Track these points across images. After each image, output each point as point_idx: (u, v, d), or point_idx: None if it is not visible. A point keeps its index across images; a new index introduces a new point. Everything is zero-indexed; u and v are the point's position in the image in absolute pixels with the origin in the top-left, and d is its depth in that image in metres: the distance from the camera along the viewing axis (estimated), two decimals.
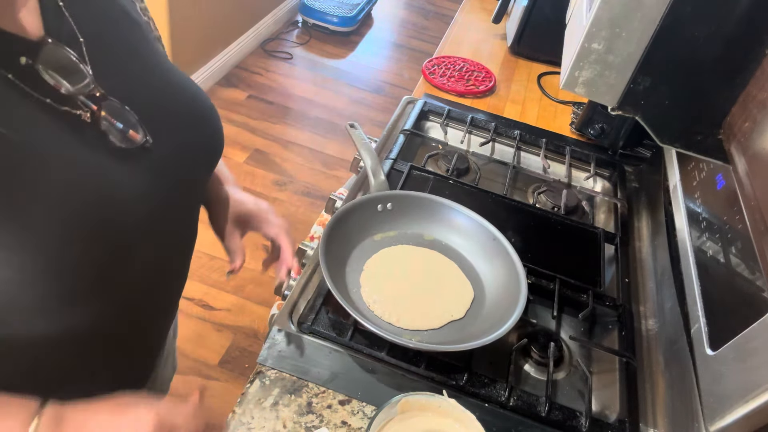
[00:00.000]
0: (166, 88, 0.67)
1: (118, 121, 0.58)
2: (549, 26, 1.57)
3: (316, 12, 3.66)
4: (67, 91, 0.55)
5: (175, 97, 0.68)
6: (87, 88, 0.56)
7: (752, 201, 0.56)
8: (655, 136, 0.68)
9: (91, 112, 0.57)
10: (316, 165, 2.78)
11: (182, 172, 0.67)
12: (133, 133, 0.59)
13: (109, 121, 0.58)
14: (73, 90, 0.55)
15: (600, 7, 0.63)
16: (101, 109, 0.57)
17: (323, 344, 0.85)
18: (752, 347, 0.62)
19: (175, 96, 0.68)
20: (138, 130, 0.60)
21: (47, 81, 0.54)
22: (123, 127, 0.59)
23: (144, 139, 0.60)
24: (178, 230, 0.73)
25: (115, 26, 0.64)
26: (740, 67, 0.61)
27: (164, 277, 0.73)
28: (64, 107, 0.55)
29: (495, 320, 0.87)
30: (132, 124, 0.59)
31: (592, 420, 0.81)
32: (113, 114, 0.58)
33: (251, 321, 2.05)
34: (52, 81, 0.54)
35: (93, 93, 0.57)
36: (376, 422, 0.69)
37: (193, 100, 0.70)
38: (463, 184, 1.18)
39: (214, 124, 0.72)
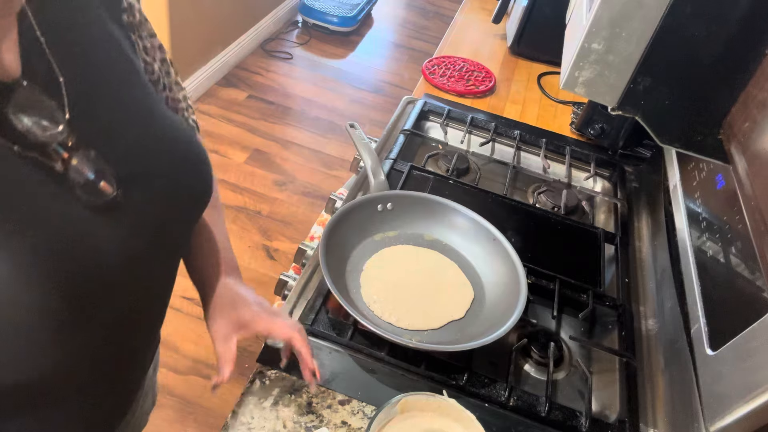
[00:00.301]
0: (150, 137, 0.63)
1: (90, 172, 0.54)
2: (549, 26, 1.57)
3: (316, 12, 3.66)
4: (36, 138, 0.51)
5: (159, 147, 0.63)
6: (60, 136, 0.52)
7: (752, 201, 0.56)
8: (655, 136, 0.68)
9: (62, 160, 0.53)
10: (316, 165, 2.78)
11: (158, 225, 0.62)
12: (105, 184, 0.55)
13: (80, 172, 0.54)
14: (44, 138, 0.51)
15: (600, 7, 0.63)
16: (72, 158, 0.53)
17: (323, 344, 0.85)
18: (752, 347, 0.62)
19: (159, 145, 0.63)
20: (110, 182, 0.56)
21: (16, 126, 0.50)
22: (94, 177, 0.55)
23: (115, 192, 0.56)
24: (152, 282, 0.68)
25: (104, 67, 0.60)
26: (740, 67, 0.61)
27: (137, 326, 0.70)
28: (32, 154, 0.51)
29: (495, 320, 0.87)
30: (104, 175, 0.55)
31: (592, 420, 0.81)
32: (85, 164, 0.54)
33: None
34: (21, 127, 0.50)
35: (65, 142, 0.53)
36: (376, 422, 0.69)
37: (181, 148, 0.66)
38: (463, 184, 1.18)
39: (201, 173, 0.68)
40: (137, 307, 0.67)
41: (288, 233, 2.41)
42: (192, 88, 2.88)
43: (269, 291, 1.03)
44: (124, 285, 0.59)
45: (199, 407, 1.79)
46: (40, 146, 0.52)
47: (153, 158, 0.62)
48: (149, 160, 0.62)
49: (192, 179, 0.67)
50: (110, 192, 0.56)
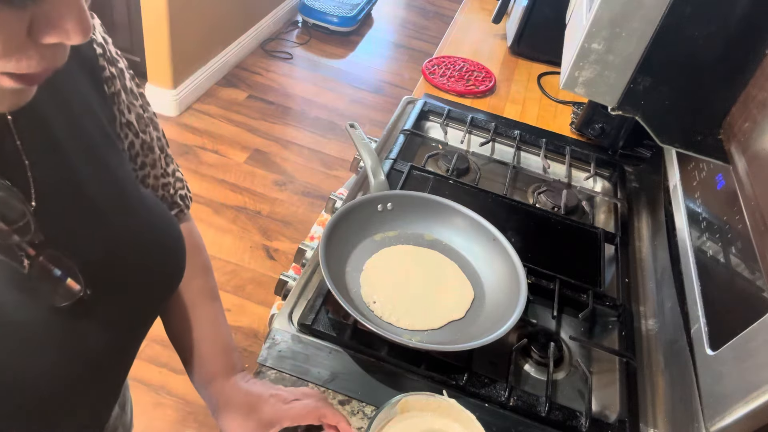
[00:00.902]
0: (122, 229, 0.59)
1: (56, 269, 0.51)
2: (549, 26, 1.57)
3: (316, 12, 3.66)
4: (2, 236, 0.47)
5: (131, 239, 0.60)
6: (26, 234, 0.49)
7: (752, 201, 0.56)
8: (655, 136, 0.68)
9: (28, 257, 0.49)
10: (316, 165, 2.78)
11: (128, 318, 0.60)
12: (72, 282, 0.52)
13: (47, 270, 0.50)
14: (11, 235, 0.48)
15: (600, 7, 0.63)
16: (39, 256, 0.50)
17: (323, 344, 0.85)
18: (752, 347, 0.62)
19: (131, 237, 0.60)
20: (78, 280, 0.52)
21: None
22: (61, 275, 0.51)
23: (83, 290, 0.52)
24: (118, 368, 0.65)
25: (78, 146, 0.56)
26: (740, 67, 0.61)
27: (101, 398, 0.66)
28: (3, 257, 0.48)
29: (495, 320, 0.87)
30: (72, 273, 0.52)
31: (592, 420, 0.81)
32: (51, 261, 0.51)
33: (251, 321, 2.05)
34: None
35: (33, 239, 0.49)
36: (376, 422, 0.69)
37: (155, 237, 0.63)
38: (463, 184, 1.18)
39: (175, 260, 0.65)
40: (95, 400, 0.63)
41: (288, 233, 2.41)
42: (192, 88, 2.89)
43: (269, 291, 1.03)
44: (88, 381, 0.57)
45: (199, 407, 1.79)
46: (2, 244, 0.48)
47: (124, 251, 0.59)
48: (120, 253, 0.58)
49: (164, 267, 0.64)
50: (78, 290, 0.52)
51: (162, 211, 0.65)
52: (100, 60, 0.60)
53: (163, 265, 0.63)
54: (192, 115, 2.87)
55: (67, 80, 0.55)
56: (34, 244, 0.49)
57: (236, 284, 2.15)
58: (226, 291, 2.13)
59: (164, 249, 0.63)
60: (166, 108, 2.80)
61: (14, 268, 0.49)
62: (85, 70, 0.58)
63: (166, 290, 0.66)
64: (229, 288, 2.14)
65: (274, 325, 0.87)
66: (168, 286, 0.66)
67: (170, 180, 0.74)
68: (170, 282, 0.66)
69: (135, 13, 2.60)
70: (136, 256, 0.60)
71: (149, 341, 1.84)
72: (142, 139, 0.66)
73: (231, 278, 2.17)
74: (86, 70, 0.58)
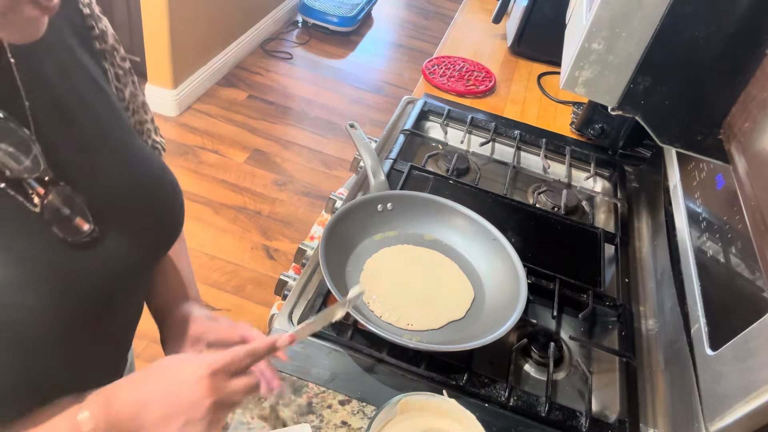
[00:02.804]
0: (125, 171, 0.62)
1: (66, 207, 0.53)
2: (549, 26, 1.57)
3: (316, 12, 3.66)
4: (13, 173, 0.50)
5: (133, 180, 0.62)
6: (36, 170, 0.51)
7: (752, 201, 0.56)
8: (655, 136, 0.68)
9: (38, 196, 0.51)
10: (316, 165, 2.78)
11: (132, 259, 0.61)
12: (81, 220, 0.54)
13: (56, 208, 0.52)
14: (21, 172, 0.50)
15: (600, 7, 0.63)
16: (49, 194, 0.52)
17: (323, 344, 0.85)
18: (752, 347, 0.62)
19: (133, 178, 0.62)
20: (86, 218, 0.54)
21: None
22: (70, 213, 0.53)
23: (91, 228, 0.55)
24: (124, 314, 0.68)
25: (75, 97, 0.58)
26: (740, 67, 0.61)
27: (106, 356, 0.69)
28: (10, 191, 0.50)
29: (495, 320, 0.87)
30: (80, 211, 0.54)
31: (592, 420, 0.81)
32: (61, 200, 0.53)
33: (251, 321, 2.04)
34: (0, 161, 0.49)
35: (42, 177, 0.51)
36: (376, 422, 0.69)
37: (154, 181, 0.65)
38: (463, 184, 1.18)
39: (175, 204, 0.67)
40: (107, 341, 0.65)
41: (288, 233, 2.41)
42: (192, 88, 2.88)
43: (269, 291, 1.03)
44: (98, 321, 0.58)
45: None
46: (14, 181, 0.50)
47: (128, 192, 0.61)
48: (124, 194, 0.60)
49: (165, 211, 0.66)
50: (86, 228, 0.54)
51: (157, 160, 0.67)
52: (88, 20, 0.63)
53: (162, 211, 0.65)
54: (192, 115, 2.87)
55: (56, 36, 0.57)
56: (44, 182, 0.52)
57: (236, 284, 2.15)
58: (226, 291, 2.13)
59: (163, 193, 0.65)
60: (166, 108, 2.80)
61: (27, 207, 0.51)
62: (75, 30, 0.61)
63: (167, 235, 0.67)
64: (229, 288, 2.14)
65: (274, 325, 0.87)
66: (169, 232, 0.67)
67: (150, 127, 0.77)
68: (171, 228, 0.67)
69: (135, 13, 2.60)
70: (136, 198, 0.62)
71: (149, 341, 1.84)
72: (129, 90, 0.70)
73: (231, 278, 2.16)
74: (76, 31, 0.61)
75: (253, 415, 0.75)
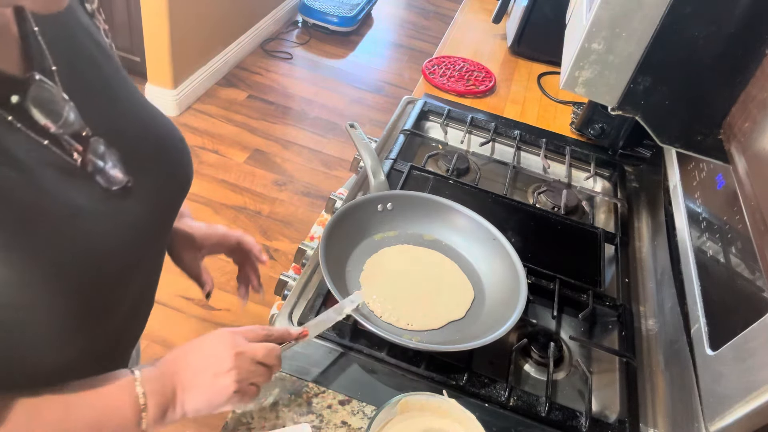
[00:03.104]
0: (141, 124, 0.65)
1: (102, 161, 0.57)
2: (549, 26, 1.57)
3: (316, 12, 3.66)
4: (56, 130, 0.53)
5: (150, 132, 0.66)
6: (73, 126, 0.54)
7: (752, 201, 0.56)
8: (655, 136, 0.68)
9: (77, 152, 0.55)
10: (316, 165, 2.78)
11: (161, 207, 0.66)
12: (117, 173, 0.58)
13: (94, 162, 0.56)
14: (62, 129, 0.53)
15: (600, 7, 0.63)
16: (86, 149, 0.55)
17: (323, 344, 0.85)
18: (752, 347, 0.62)
19: (149, 131, 0.66)
20: (121, 170, 0.58)
21: (38, 121, 0.52)
22: (106, 166, 0.57)
23: (126, 178, 0.59)
24: (156, 261, 0.74)
25: (88, 57, 0.61)
26: (740, 67, 0.61)
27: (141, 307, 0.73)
28: (54, 148, 0.53)
29: (495, 320, 0.87)
30: (115, 164, 0.58)
31: (592, 420, 0.81)
32: (97, 154, 0.56)
33: (251, 321, 2.04)
34: (42, 120, 0.52)
35: (79, 132, 0.55)
36: (376, 422, 0.69)
37: (166, 133, 0.69)
38: (463, 184, 1.18)
39: (186, 156, 0.71)
40: (143, 288, 0.70)
41: (288, 233, 2.41)
42: (192, 88, 2.88)
43: (269, 291, 1.03)
44: (137, 266, 0.64)
45: None
46: (57, 139, 0.54)
47: (147, 144, 0.65)
48: (144, 146, 0.64)
49: (181, 160, 0.70)
50: (121, 179, 0.58)
51: (162, 114, 0.71)
52: None
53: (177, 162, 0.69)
54: (192, 115, 2.87)
55: None
56: (80, 137, 0.55)
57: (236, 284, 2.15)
58: (226, 291, 2.13)
59: (175, 144, 0.70)
60: (166, 108, 2.80)
61: (69, 161, 0.54)
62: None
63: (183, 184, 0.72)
64: (229, 288, 2.14)
65: (274, 326, 0.87)
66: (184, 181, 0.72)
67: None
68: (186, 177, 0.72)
69: (135, 13, 2.60)
70: (154, 149, 0.66)
71: (149, 341, 1.84)
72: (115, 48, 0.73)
73: (231, 278, 2.16)
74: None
75: (254, 415, 0.75)
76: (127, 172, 0.59)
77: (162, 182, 0.65)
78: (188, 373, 0.63)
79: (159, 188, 0.65)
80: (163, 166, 0.66)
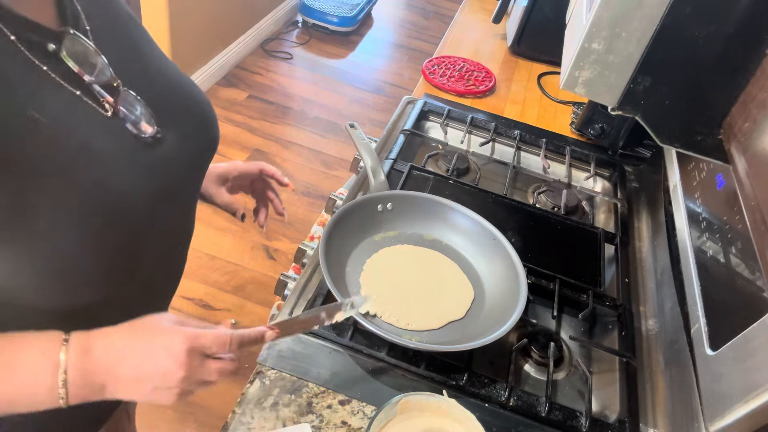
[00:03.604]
0: (169, 82, 0.68)
1: (133, 112, 0.60)
2: (549, 26, 1.57)
3: (316, 12, 3.66)
4: (90, 80, 0.57)
5: (178, 91, 0.69)
6: (105, 76, 0.58)
7: (752, 201, 0.56)
8: (655, 136, 0.68)
9: (108, 103, 0.58)
10: (316, 165, 2.78)
11: (188, 161, 0.69)
12: (146, 124, 0.61)
13: (125, 112, 0.59)
14: (94, 79, 0.57)
15: (600, 7, 0.63)
16: (117, 100, 0.59)
17: (323, 344, 0.85)
18: (752, 347, 0.62)
19: (178, 89, 0.69)
20: (150, 122, 0.61)
21: (72, 69, 0.55)
22: (137, 118, 0.60)
23: (155, 129, 0.62)
24: (184, 216, 0.75)
25: (118, 18, 0.65)
26: (740, 67, 0.61)
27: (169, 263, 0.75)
28: (86, 98, 0.57)
29: (495, 320, 0.87)
30: (144, 116, 0.61)
31: (592, 420, 0.81)
32: (128, 105, 0.60)
33: (251, 321, 2.05)
34: (76, 69, 0.55)
35: (111, 83, 0.59)
36: (376, 422, 0.69)
37: (194, 94, 0.72)
38: (463, 184, 1.18)
39: (212, 118, 0.74)
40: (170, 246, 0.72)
41: (288, 233, 2.41)
42: None
43: (269, 291, 1.03)
44: (164, 217, 0.65)
45: (199, 407, 1.79)
46: (88, 88, 0.57)
47: (176, 102, 0.68)
48: (173, 103, 0.67)
49: (208, 120, 0.73)
50: (150, 131, 0.61)
51: (189, 79, 0.74)
52: None
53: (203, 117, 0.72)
54: None
55: None
56: (112, 88, 0.59)
57: (236, 284, 2.15)
58: (226, 291, 2.13)
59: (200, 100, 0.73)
60: None
61: (99, 111, 0.58)
62: None
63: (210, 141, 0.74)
64: (229, 288, 2.14)
65: None
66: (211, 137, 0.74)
67: None
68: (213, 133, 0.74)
69: (135, 13, 2.60)
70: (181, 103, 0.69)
71: None
72: None
73: (231, 278, 2.17)
74: None
75: (254, 415, 0.75)
76: (156, 124, 0.62)
77: (190, 139, 0.68)
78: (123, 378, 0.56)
79: (187, 143, 0.67)
80: (191, 123, 0.69)
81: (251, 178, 0.97)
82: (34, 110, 0.51)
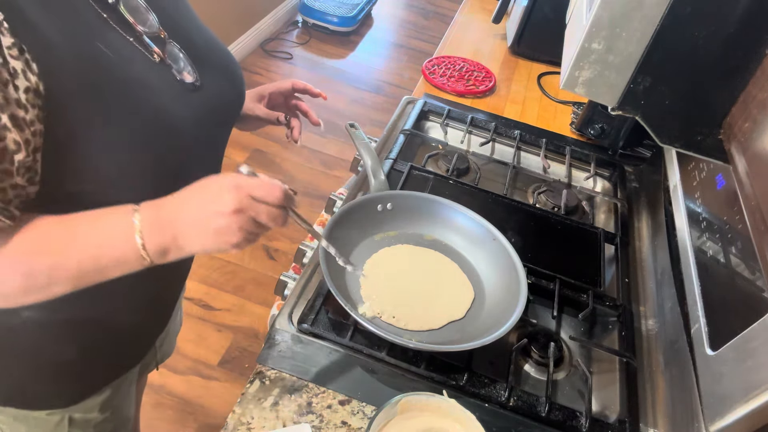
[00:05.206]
0: (206, 40, 0.78)
1: (176, 61, 0.69)
2: (549, 26, 1.57)
3: (316, 12, 3.66)
4: (142, 30, 0.65)
5: (213, 47, 0.78)
6: (153, 29, 0.67)
7: (752, 201, 0.56)
8: (655, 136, 0.68)
9: (155, 53, 0.66)
10: (316, 165, 2.78)
11: (221, 112, 0.77)
12: (187, 74, 0.69)
13: (170, 61, 0.68)
14: (146, 29, 0.66)
15: (600, 7, 0.63)
16: (165, 50, 0.68)
17: (323, 344, 0.85)
18: (752, 347, 0.62)
19: (213, 47, 0.78)
20: (190, 72, 0.70)
21: (128, 20, 0.64)
22: (179, 68, 0.69)
23: (195, 78, 0.70)
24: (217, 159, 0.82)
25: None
26: (740, 67, 0.61)
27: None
28: (138, 45, 0.65)
29: (495, 320, 0.86)
30: (186, 66, 0.70)
31: (592, 420, 0.81)
32: (172, 55, 0.69)
33: (251, 321, 2.05)
34: (131, 20, 0.64)
35: (158, 35, 0.68)
36: (376, 422, 0.69)
37: (226, 53, 0.81)
38: (463, 184, 1.18)
39: (240, 75, 0.83)
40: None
41: (288, 233, 2.40)
42: None
43: (269, 291, 1.03)
44: (202, 156, 0.75)
45: (199, 407, 1.79)
46: (140, 38, 0.65)
47: (214, 57, 0.77)
48: (212, 58, 0.76)
49: (237, 78, 0.81)
50: (192, 79, 0.70)
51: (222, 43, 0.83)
52: None
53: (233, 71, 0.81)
54: None
55: None
56: (159, 39, 0.68)
57: (236, 284, 2.15)
58: (226, 291, 2.13)
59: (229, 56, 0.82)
60: None
61: (149, 57, 0.66)
62: None
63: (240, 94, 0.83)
64: (229, 288, 2.14)
65: (274, 325, 0.87)
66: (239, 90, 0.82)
67: None
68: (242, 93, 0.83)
69: None
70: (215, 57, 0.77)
71: None
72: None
73: (231, 278, 2.16)
74: None
75: (254, 415, 0.75)
76: (196, 73, 0.71)
77: (224, 91, 0.77)
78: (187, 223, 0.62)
79: (221, 94, 0.76)
80: (225, 76, 0.78)
81: (285, 94, 1.04)
82: (101, 44, 0.60)
